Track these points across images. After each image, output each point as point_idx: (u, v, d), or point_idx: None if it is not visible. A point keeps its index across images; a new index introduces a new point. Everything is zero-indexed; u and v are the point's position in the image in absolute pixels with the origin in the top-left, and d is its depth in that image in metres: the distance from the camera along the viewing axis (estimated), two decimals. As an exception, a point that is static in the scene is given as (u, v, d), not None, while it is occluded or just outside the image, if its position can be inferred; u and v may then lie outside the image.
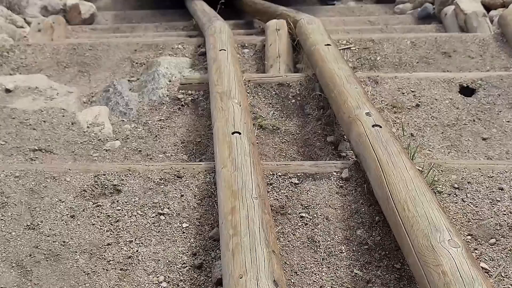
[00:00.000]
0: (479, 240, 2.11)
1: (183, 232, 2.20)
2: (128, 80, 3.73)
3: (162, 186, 2.40)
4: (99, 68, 4.15)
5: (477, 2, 5.13)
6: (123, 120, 3.27)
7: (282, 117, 3.18)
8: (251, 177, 2.12)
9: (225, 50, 3.43)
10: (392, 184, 2.02)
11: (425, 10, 5.89)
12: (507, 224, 2.16)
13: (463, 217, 2.21)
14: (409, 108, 3.17)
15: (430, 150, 2.90)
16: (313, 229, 2.19)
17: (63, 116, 3.20)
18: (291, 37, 4.16)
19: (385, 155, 2.21)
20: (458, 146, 2.93)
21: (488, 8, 5.08)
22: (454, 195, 2.32)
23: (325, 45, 3.41)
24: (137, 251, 2.11)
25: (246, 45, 4.29)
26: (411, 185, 1.98)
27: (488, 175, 2.40)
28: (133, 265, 2.05)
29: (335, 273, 2.00)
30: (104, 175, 2.45)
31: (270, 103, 3.27)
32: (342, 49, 4.13)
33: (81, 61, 4.22)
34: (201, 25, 4.66)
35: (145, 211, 2.28)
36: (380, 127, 2.43)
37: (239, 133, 2.45)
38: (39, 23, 4.97)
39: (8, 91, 3.40)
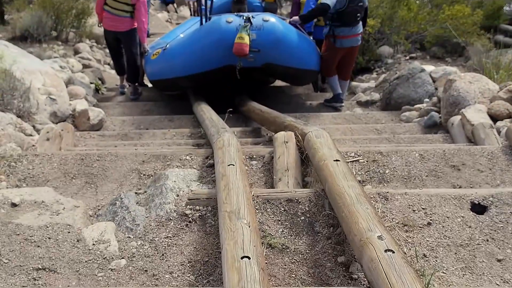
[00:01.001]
0: None
1: None
2: (135, 193, 3.69)
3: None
4: (106, 180, 4.14)
5: (484, 113, 5.17)
6: (130, 237, 3.20)
7: (292, 235, 3.11)
8: (261, 308, 2.04)
9: (233, 165, 3.42)
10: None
11: (432, 119, 5.94)
12: None
13: None
14: (420, 227, 3.11)
15: (444, 272, 2.81)
16: None
17: (69, 232, 3.14)
18: (299, 149, 4.17)
19: (399, 283, 2.14)
20: (473, 268, 2.84)
21: (494, 118, 5.12)
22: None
23: (334, 160, 3.39)
24: None
25: (254, 156, 4.29)
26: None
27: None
28: None
29: None
30: (108, 301, 2.37)
31: (279, 220, 3.22)
32: (350, 161, 4.13)
33: (88, 172, 4.21)
34: (209, 135, 4.69)
35: None
36: (393, 252, 2.36)
37: (249, 258, 2.38)
38: (48, 132, 5.00)
39: (14, 205, 3.36)
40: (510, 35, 10.45)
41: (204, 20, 7.09)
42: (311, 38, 7.78)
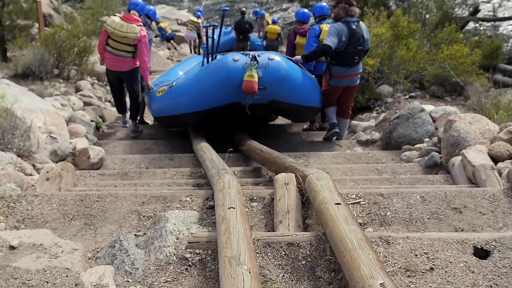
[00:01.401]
0: None
1: None
2: (135, 235, 3.66)
3: None
4: (106, 221, 4.11)
5: (484, 154, 5.17)
6: (128, 281, 3.16)
7: (292, 280, 3.08)
8: None
9: (234, 208, 3.40)
10: None
11: (432, 159, 5.93)
12: None
13: None
14: (423, 272, 3.07)
15: (447, 320, 2.77)
16: None
17: (67, 276, 3.10)
18: (300, 191, 4.15)
19: (403, 333, 2.11)
20: (477, 315, 2.80)
21: (495, 159, 5.11)
22: None
23: (335, 204, 3.37)
24: None
25: (255, 198, 4.27)
26: None
27: None
28: None
29: None
30: None
31: (280, 265, 3.18)
32: (351, 203, 4.11)
33: (87, 213, 4.19)
34: (210, 176, 4.67)
35: None
36: (396, 300, 2.33)
37: (249, 306, 2.35)
38: (48, 172, 4.99)
39: (12, 248, 3.33)
40: (509, 74, 10.52)
41: (210, 58, 7.35)
42: (312, 75, 7.91)
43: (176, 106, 7.24)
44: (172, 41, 21.01)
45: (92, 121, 8.56)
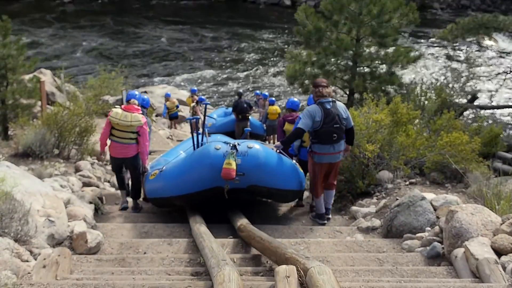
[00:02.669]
0: None
1: None
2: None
3: None
4: (102, 313, 4.01)
5: (487, 246, 5.12)
6: None
7: None
8: None
9: (234, 304, 3.33)
10: None
11: (434, 249, 5.86)
12: None
13: None
14: None
15: None
16: None
17: None
18: (302, 285, 4.08)
19: None
20: None
21: (498, 252, 5.06)
22: None
23: (338, 301, 3.30)
24: None
25: (255, 291, 4.20)
26: None
27: None
28: None
29: None
30: None
31: None
32: (353, 298, 4.03)
33: (84, 305, 4.10)
34: (209, 266, 4.60)
35: None
36: None
37: None
38: (45, 259, 4.92)
39: None
40: (508, 162, 10.58)
41: (197, 145, 8.39)
42: (296, 159, 8.73)
43: (166, 189, 7.95)
44: (174, 121, 21.34)
45: (91, 202, 8.51)
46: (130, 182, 9.16)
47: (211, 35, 48.88)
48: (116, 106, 8.80)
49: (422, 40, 46.42)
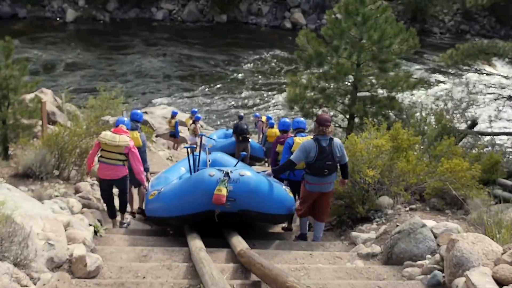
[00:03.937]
0: None
1: None
2: None
3: None
4: None
5: (489, 276, 5.10)
6: None
7: None
8: None
9: (235, 334, 3.32)
10: None
11: (435, 278, 5.84)
12: None
13: None
14: None
15: None
16: None
17: None
18: (302, 315, 4.07)
19: None
20: None
21: (499, 282, 5.03)
22: None
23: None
24: None
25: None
26: None
27: None
28: None
29: None
30: None
31: None
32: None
33: (83, 331, 4.07)
34: (209, 294, 4.59)
35: None
36: None
37: None
38: (44, 284, 4.90)
39: None
40: (509, 190, 10.56)
41: (193, 171, 9.41)
42: (286, 182, 9.34)
43: (163, 209, 8.60)
44: (177, 138, 21.33)
45: (90, 225, 8.48)
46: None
47: (213, 57, 49.07)
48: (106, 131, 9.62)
49: (422, 65, 46.64)
